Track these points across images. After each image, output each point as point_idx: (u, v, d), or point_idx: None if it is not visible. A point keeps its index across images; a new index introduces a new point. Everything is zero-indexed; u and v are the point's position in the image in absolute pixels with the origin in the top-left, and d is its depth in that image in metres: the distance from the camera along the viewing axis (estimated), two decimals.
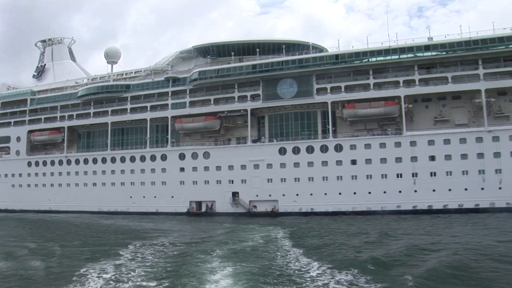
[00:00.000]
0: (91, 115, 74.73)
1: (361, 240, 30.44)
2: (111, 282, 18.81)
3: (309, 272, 19.91)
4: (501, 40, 56.49)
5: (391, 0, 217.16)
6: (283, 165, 60.63)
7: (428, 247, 25.13)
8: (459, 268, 19.33)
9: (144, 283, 18.54)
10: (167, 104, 68.19)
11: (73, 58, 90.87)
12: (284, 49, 63.81)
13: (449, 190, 55.30)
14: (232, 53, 65.59)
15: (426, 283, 17.30)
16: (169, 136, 67.32)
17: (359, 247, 26.75)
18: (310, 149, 59.87)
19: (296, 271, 20.36)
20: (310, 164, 59.63)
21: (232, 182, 62.85)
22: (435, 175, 55.90)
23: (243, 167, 62.30)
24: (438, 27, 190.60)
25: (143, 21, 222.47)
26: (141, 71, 75.99)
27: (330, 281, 18.36)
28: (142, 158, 68.61)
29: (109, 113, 73.13)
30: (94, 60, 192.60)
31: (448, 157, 55.70)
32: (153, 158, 67.88)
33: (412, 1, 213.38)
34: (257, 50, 64.25)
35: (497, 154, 54.53)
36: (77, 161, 74.12)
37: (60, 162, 75.39)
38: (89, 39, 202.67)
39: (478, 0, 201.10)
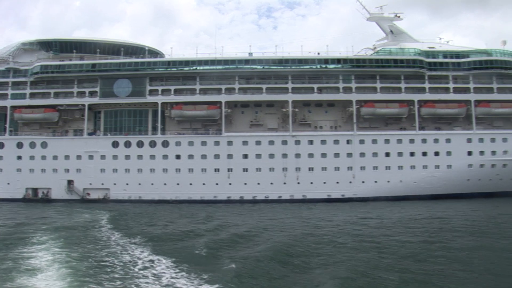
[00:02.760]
0: None
1: (189, 227, 34.01)
2: None
3: (137, 263, 20.56)
4: (306, 61, 67.77)
5: None
6: (115, 157, 65.92)
7: (249, 234, 29.15)
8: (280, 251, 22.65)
9: None
10: (6, 94, 69.97)
11: None
12: (122, 52, 69.43)
13: (258, 184, 64.86)
14: (74, 51, 69.61)
15: (247, 266, 19.43)
16: (7, 125, 69.23)
17: (185, 235, 29.47)
18: (140, 144, 66.03)
19: (120, 258, 21.55)
20: (140, 157, 65.73)
21: (68, 171, 66.61)
22: (247, 171, 65.12)
23: (79, 157, 66.39)
24: (284, 29, 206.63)
25: None
26: None
27: (150, 266, 20.03)
28: None
29: None
30: None
31: (258, 156, 65.26)
32: None
33: (262, 1, 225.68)
34: (98, 50, 69.06)
35: (297, 155, 65.25)
36: None
37: None
38: None
39: (322, 8, 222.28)
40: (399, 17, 73.24)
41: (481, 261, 19.87)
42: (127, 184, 65.34)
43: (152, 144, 66.04)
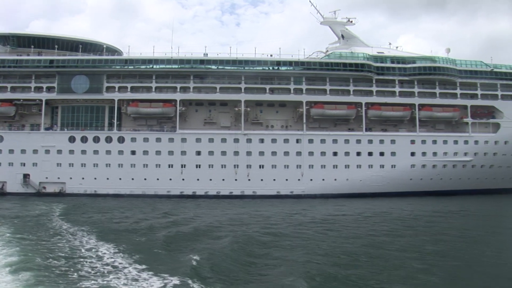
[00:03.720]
0: None
1: (141, 220, 35.98)
2: None
3: (95, 256, 21.61)
4: (259, 63, 70.46)
5: None
6: (71, 152, 67.38)
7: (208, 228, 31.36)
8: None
9: None
10: None
11: None
12: (81, 48, 70.88)
13: (210, 180, 67.42)
14: (32, 46, 70.74)
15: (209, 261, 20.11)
16: None
17: (146, 229, 30.79)
18: (96, 139, 67.74)
19: (77, 251, 22.79)
20: (96, 152, 67.45)
21: (24, 165, 67.72)
22: (200, 167, 67.60)
23: (35, 151, 67.54)
24: (248, 26, 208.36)
25: None
26: None
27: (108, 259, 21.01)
28: None
29: None
30: None
31: (211, 153, 67.77)
32: None
33: None
34: (56, 46, 70.35)
35: (249, 153, 67.98)
36: None
37: None
38: None
39: (285, 6, 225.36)
40: (351, 22, 76.48)
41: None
42: (83, 178, 67.00)
43: (108, 139, 67.86)
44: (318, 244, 24.93)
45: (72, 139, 67.79)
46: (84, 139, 67.75)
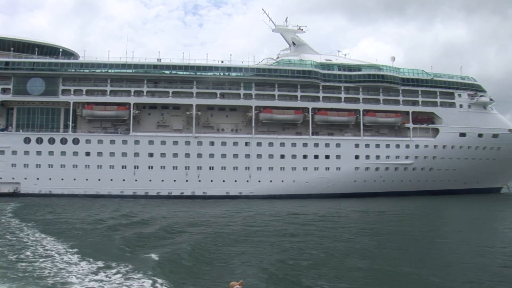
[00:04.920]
0: None
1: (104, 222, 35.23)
2: None
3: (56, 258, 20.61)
4: (210, 68, 73.41)
5: None
6: (26, 153, 69.17)
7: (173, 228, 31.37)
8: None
9: None
10: None
11: None
12: (37, 51, 72.71)
13: (162, 180, 70.24)
14: None
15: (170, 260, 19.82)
16: None
17: (98, 229, 30.53)
18: (51, 141, 69.81)
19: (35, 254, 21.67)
20: (51, 153, 69.51)
21: None
22: (152, 169, 70.34)
23: None
24: (210, 27, 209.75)
25: None
26: None
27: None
28: None
29: None
30: None
31: (163, 154, 70.54)
32: None
33: None
34: (12, 48, 72.03)
35: (199, 155, 71.00)
36: None
37: None
38: None
39: (248, 8, 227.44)
40: (302, 29, 79.95)
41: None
42: (37, 179, 68.93)
43: (63, 141, 70.06)
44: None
45: (27, 140, 69.71)
46: (39, 140, 69.74)
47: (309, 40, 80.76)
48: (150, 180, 70.03)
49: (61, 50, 74.49)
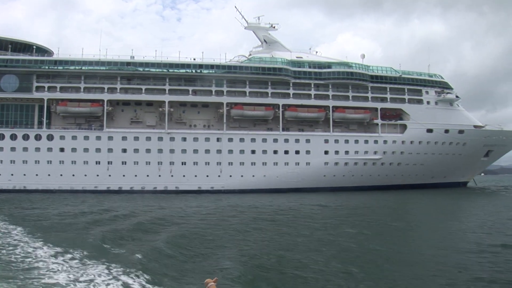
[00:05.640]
0: None
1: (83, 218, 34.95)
2: None
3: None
4: (182, 66, 74.93)
5: None
6: (1, 149, 69.96)
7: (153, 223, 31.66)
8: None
9: None
10: None
11: None
12: (10, 48, 73.71)
13: (135, 176, 71.86)
14: None
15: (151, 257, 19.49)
16: None
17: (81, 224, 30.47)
18: (26, 137, 71.00)
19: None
20: (25, 149, 70.69)
21: None
22: (125, 164, 71.92)
23: None
24: (189, 21, 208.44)
25: None
26: None
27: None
28: None
29: None
30: None
31: (136, 150, 72.11)
32: None
33: None
34: None
35: (172, 151, 72.65)
36: None
37: None
38: None
39: (227, 2, 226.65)
40: (274, 27, 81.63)
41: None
42: (12, 174, 70.15)
43: (38, 137, 71.35)
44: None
45: (1, 137, 70.78)
46: (13, 137, 70.96)
47: (287, 36, 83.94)
48: (123, 175, 71.61)
49: (35, 47, 75.52)
